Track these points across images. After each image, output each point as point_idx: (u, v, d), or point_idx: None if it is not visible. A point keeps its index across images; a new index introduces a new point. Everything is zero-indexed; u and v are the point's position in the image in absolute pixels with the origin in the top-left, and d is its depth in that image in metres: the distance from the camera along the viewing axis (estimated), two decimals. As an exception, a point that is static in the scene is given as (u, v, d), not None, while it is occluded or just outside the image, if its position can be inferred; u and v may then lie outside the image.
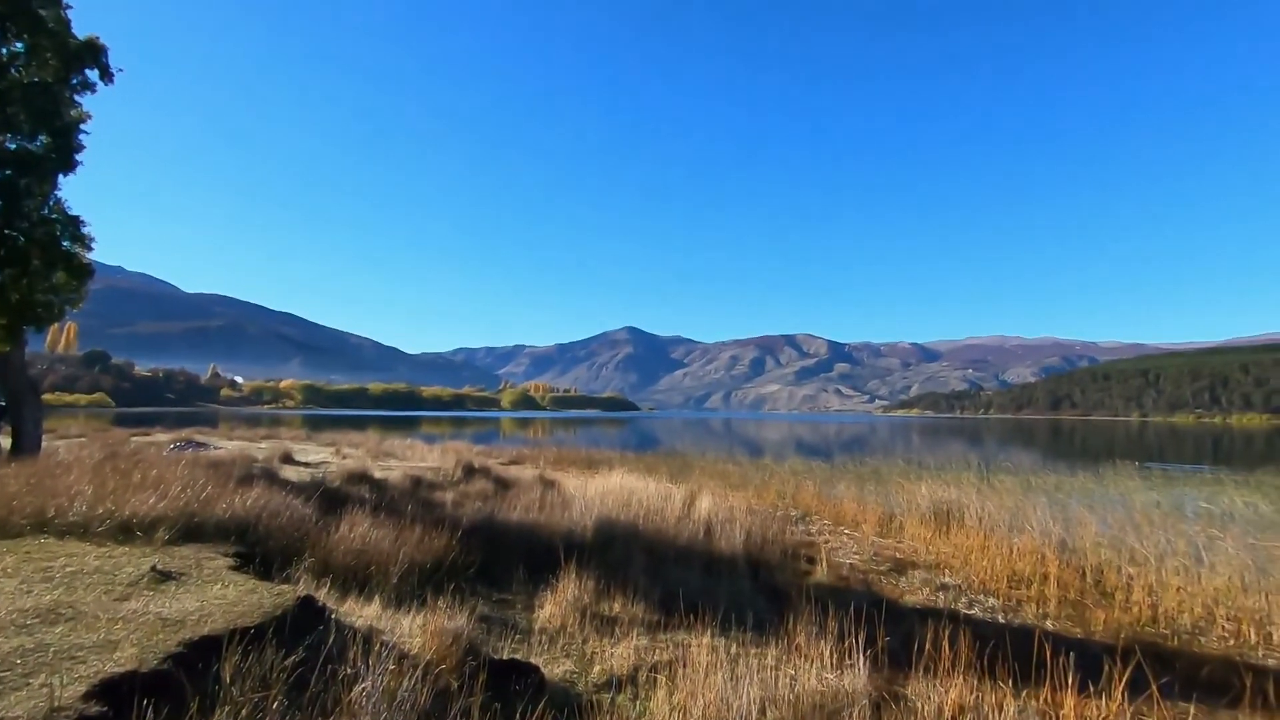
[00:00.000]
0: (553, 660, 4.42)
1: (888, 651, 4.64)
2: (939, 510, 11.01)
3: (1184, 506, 12.22)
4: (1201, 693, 4.50)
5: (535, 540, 7.23)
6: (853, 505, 12.39)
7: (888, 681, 4.27)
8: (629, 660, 4.40)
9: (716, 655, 4.17)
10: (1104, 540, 8.88)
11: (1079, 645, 5.34)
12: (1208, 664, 5.07)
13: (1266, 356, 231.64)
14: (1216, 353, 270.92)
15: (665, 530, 7.98)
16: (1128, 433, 75.71)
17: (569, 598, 5.38)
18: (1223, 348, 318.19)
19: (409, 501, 8.45)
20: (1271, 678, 4.61)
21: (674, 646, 4.73)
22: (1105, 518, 10.40)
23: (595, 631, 4.99)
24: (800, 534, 9.95)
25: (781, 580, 6.94)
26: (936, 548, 9.17)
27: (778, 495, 14.20)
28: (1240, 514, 11.30)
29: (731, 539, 7.80)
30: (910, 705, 3.90)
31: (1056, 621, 6.18)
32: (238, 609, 3.57)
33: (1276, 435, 68.39)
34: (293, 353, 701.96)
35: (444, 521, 7.03)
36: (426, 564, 5.90)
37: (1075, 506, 11.70)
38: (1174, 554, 8.09)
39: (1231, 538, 8.13)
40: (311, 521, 6.23)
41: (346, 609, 4.52)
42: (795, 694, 3.79)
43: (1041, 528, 9.58)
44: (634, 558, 6.71)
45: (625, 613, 5.41)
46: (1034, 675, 4.28)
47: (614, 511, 8.61)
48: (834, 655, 4.32)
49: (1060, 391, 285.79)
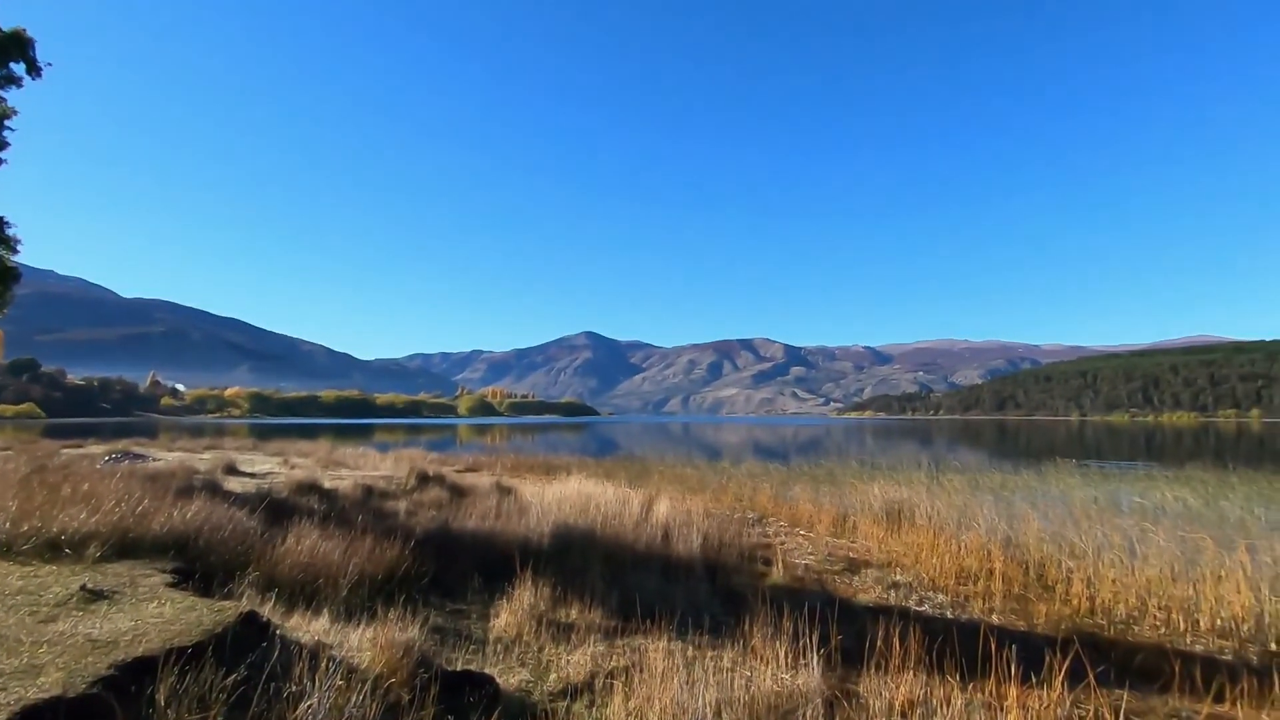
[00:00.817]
0: (508, 670, 4.36)
1: (841, 650, 4.72)
2: (891, 510, 11.26)
3: (1119, 502, 12.79)
4: (1135, 679, 4.71)
5: (491, 548, 7.12)
6: (808, 507, 12.58)
7: (841, 680, 4.35)
8: (586, 667, 4.37)
9: (673, 659, 4.17)
10: (1046, 536, 9.22)
11: (1022, 638, 5.53)
12: (1141, 652, 5.30)
13: (1194, 358, 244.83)
14: (1148, 355, 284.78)
15: (623, 535, 7.96)
16: (1068, 432, 78.82)
17: (525, 606, 5.32)
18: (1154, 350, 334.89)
19: (360, 512, 8.24)
20: (1198, 662, 4.85)
21: (631, 652, 4.72)
22: (1047, 514, 10.80)
23: (552, 639, 4.95)
24: (757, 536, 10.05)
25: (738, 582, 6.99)
26: (888, 546, 9.37)
27: (735, 498, 14.33)
28: (1170, 508, 11.90)
29: (689, 542, 7.83)
30: (862, 702, 3.97)
31: (1002, 615, 6.38)
32: (175, 627, 3.42)
33: (1203, 433, 72.15)
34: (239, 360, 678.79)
35: (396, 531, 6.89)
36: (378, 575, 5.75)
37: (1019, 504, 12.13)
38: (1110, 547, 8.45)
39: (1163, 531, 8.53)
40: (256, 534, 6.02)
41: (293, 624, 4.38)
42: (751, 695, 3.83)
43: (988, 525, 9.89)
44: (591, 564, 6.68)
45: (582, 619, 5.38)
46: (980, 668, 4.40)
47: (571, 518, 8.55)
48: (789, 655, 4.37)
49: (1005, 393, 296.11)
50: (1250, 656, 5.39)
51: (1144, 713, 4.19)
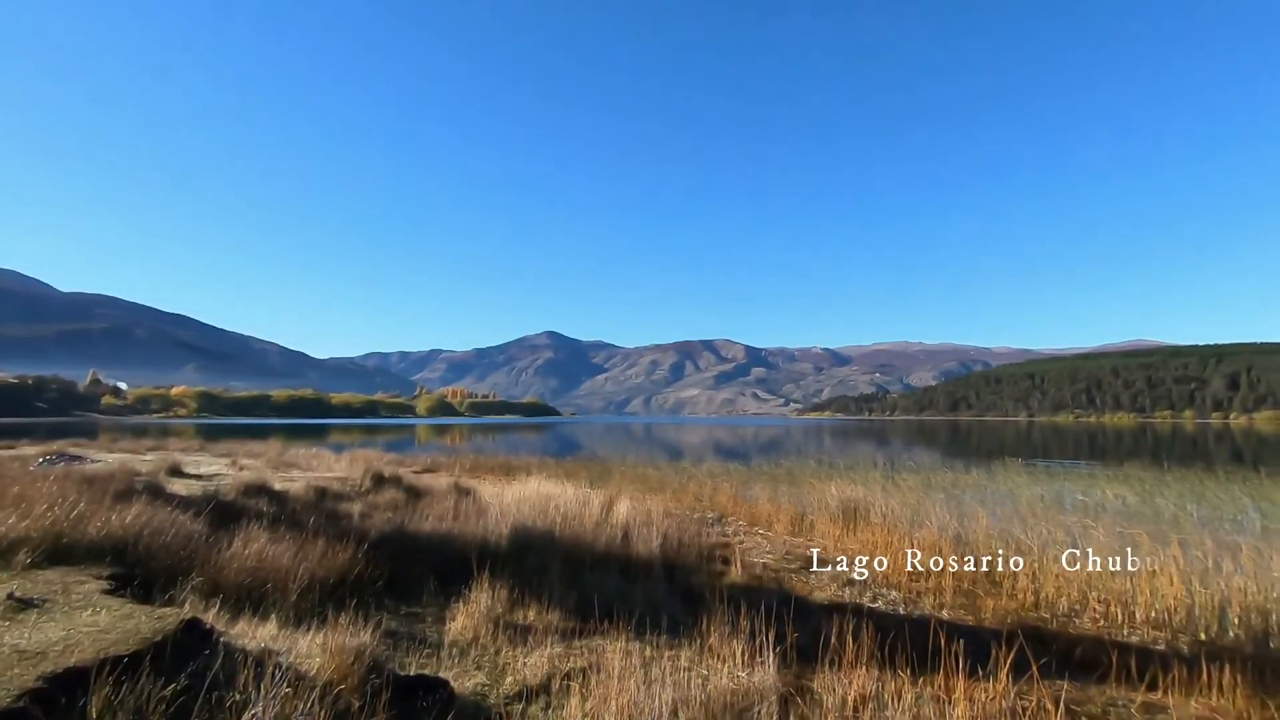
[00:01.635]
0: (464, 673, 4.30)
1: (797, 647, 4.78)
2: (847, 508, 11.47)
3: (1063, 499, 13.28)
4: (1075, 670, 4.89)
5: (448, 550, 7.02)
6: (767, 506, 12.72)
7: (796, 676, 4.40)
8: (543, 669, 4.33)
9: (630, 660, 4.17)
10: (994, 533, 9.51)
11: (971, 632, 5.69)
12: (1081, 643, 5.50)
13: (1133, 361, 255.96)
14: (1091, 358, 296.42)
15: (583, 536, 7.93)
16: (1017, 432, 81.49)
17: (482, 608, 5.25)
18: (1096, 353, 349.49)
19: (312, 514, 8.03)
20: (1134, 653, 5.06)
21: (589, 653, 4.70)
22: (995, 511, 11.15)
23: (509, 641, 4.89)
24: (716, 535, 10.13)
25: (697, 582, 7.03)
26: (844, 544, 9.54)
27: (695, 498, 14.42)
28: (1110, 505, 12.39)
29: (649, 542, 7.84)
30: (816, 698, 4.03)
31: (951, 611, 6.56)
32: (110, 636, 3.27)
33: (1141, 433, 75.39)
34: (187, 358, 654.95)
35: (350, 534, 6.72)
36: (330, 579, 5.62)
37: (970, 502, 12.50)
38: (1054, 543, 8.76)
39: (1103, 527, 8.89)
40: (201, 538, 5.81)
41: (238, 630, 4.24)
42: (707, 694, 3.85)
43: (939, 523, 10.15)
44: (550, 565, 6.64)
45: (540, 621, 5.34)
46: (930, 662, 4.51)
47: (531, 518, 8.48)
48: (745, 653, 4.41)
49: (958, 394, 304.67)
50: (1181, 646, 5.65)
51: (1083, 702, 4.35)
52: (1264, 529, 9.84)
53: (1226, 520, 10.91)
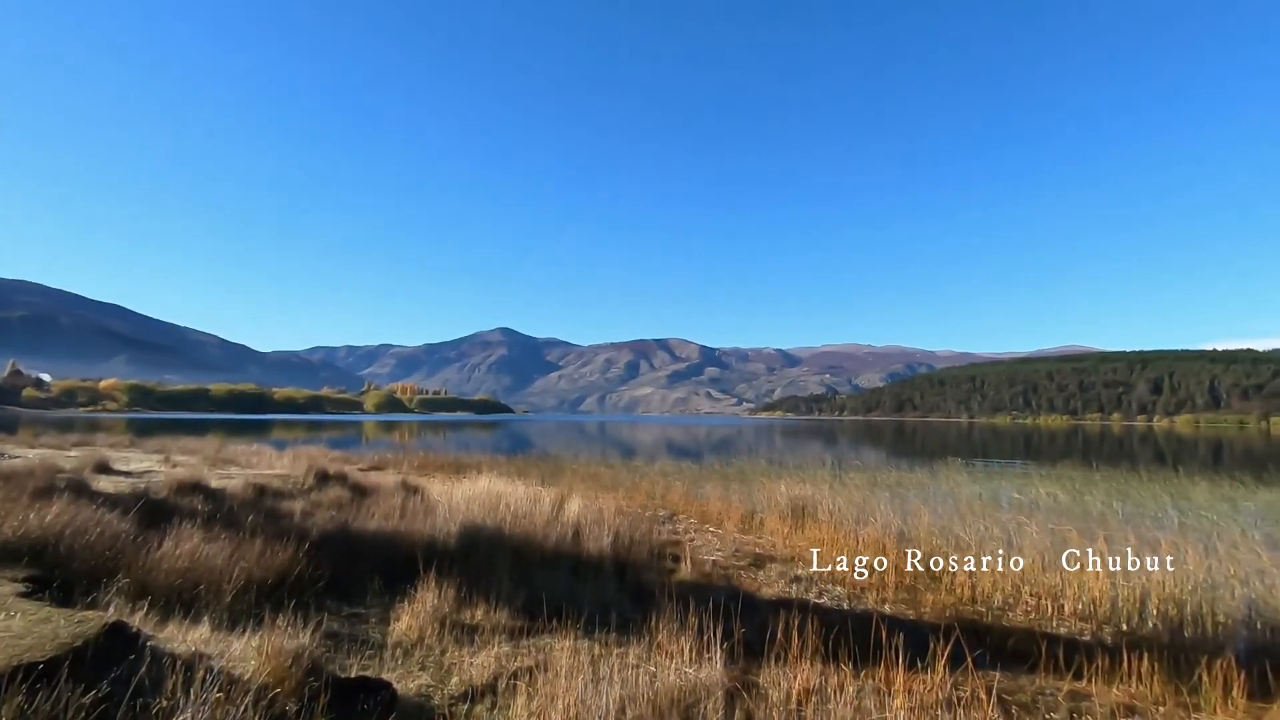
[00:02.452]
0: (407, 674, 4.21)
1: (744, 643, 4.85)
2: (796, 506, 11.68)
3: (1000, 497, 13.80)
4: (1008, 661, 5.09)
5: (394, 549, 6.86)
6: (718, 504, 12.86)
7: (743, 671, 4.46)
8: (489, 669, 4.28)
9: (579, 658, 4.16)
10: (935, 530, 9.83)
11: (911, 626, 5.87)
12: (1014, 635, 5.74)
13: (1066, 365, 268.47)
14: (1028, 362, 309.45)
15: (533, 534, 7.86)
16: (958, 432, 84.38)
17: (428, 608, 5.15)
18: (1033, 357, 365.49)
19: (251, 512, 7.72)
20: (1062, 644, 5.29)
21: (537, 652, 4.66)
22: (937, 509, 11.51)
23: (455, 641, 4.82)
24: (667, 533, 10.18)
25: (648, 579, 7.05)
26: (792, 542, 9.71)
27: (647, 496, 14.46)
28: (1043, 503, 12.93)
29: (600, 540, 7.82)
30: (762, 692, 4.10)
31: (893, 605, 6.74)
32: (25, 642, 3.08)
33: (1073, 434, 79.02)
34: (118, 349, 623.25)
35: (291, 533, 6.51)
36: (268, 579, 5.42)
37: (912, 500, 12.87)
38: (990, 540, 9.11)
39: (1036, 524, 9.28)
40: (129, 538, 5.53)
41: (167, 634, 4.06)
42: (655, 690, 3.86)
43: (883, 520, 10.43)
44: (499, 563, 6.56)
45: (488, 620, 5.27)
46: (872, 656, 4.63)
47: (480, 517, 8.36)
48: (693, 650, 4.45)
49: (904, 395, 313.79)
50: (1106, 637, 5.95)
51: (1014, 691, 4.53)
52: (1181, 525, 10.42)
53: (1148, 517, 11.52)
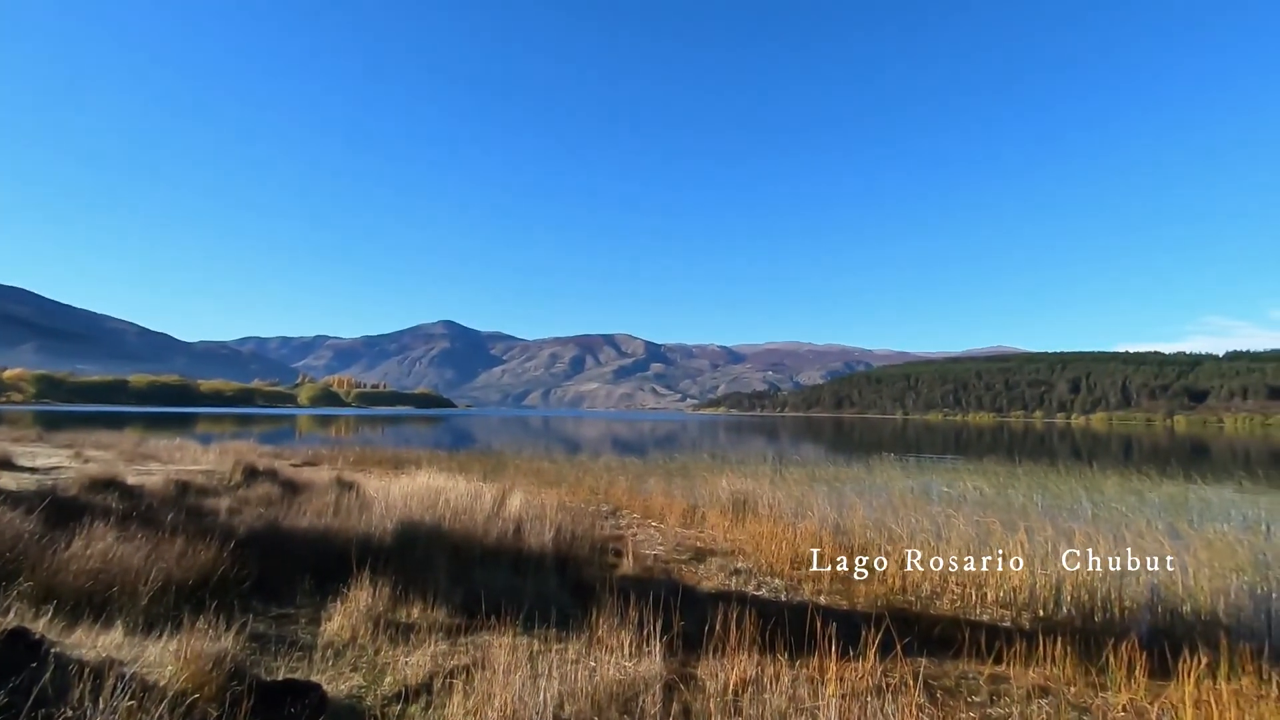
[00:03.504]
0: (338, 676, 4.08)
1: (683, 636, 4.89)
2: (737, 501, 11.88)
3: (930, 491, 14.39)
4: (934, 647, 5.31)
5: (327, 547, 6.63)
6: (661, 499, 12.95)
7: (682, 664, 4.51)
8: (425, 668, 4.19)
9: (517, 655, 4.12)
10: (869, 522, 10.16)
11: (844, 616, 6.04)
12: (940, 623, 5.99)
13: (993, 365, 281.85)
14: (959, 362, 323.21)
15: (473, 530, 7.73)
16: (893, 429, 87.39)
17: (362, 607, 5.00)
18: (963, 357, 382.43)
19: (172, 510, 7.33)
20: (984, 630, 5.55)
21: (475, 649, 4.59)
22: (871, 502, 11.91)
23: (390, 641, 4.70)
24: (610, 528, 10.19)
25: (589, 574, 7.04)
26: (733, 536, 9.86)
27: (590, 491, 14.44)
28: (970, 496, 13.56)
29: (541, 536, 7.76)
30: (699, 684, 4.15)
31: (828, 596, 6.93)
32: (-91, 652, 2.85)
33: (999, 431, 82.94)
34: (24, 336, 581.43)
35: (215, 531, 6.21)
36: (189, 580, 5.16)
37: (849, 494, 13.28)
38: (920, 531, 9.48)
39: (962, 516, 9.70)
40: (32, 538, 5.17)
41: (75, 640, 3.82)
42: (594, 685, 3.87)
43: (821, 514, 10.73)
44: (437, 560, 6.42)
45: (424, 618, 5.15)
46: (807, 646, 4.75)
47: (419, 513, 8.17)
48: (633, 644, 4.47)
49: (843, 393, 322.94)
50: (1024, 623, 6.27)
51: (939, 676, 4.72)
52: (1094, 516, 11.11)
53: (1064, 509, 12.23)
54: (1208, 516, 11.48)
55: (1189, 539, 8.61)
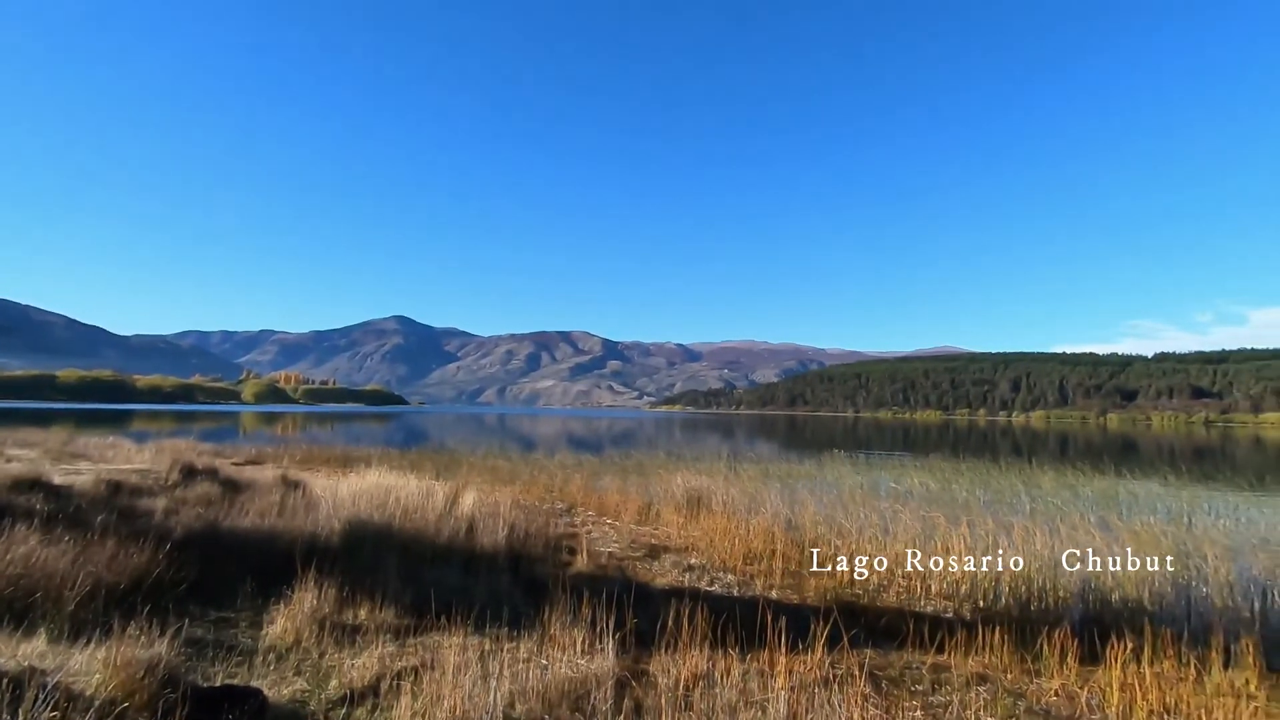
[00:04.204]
0: (281, 680, 3.96)
1: (636, 632, 4.91)
2: (691, 497, 11.96)
3: (879, 487, 14.75)
4: (879, 639, 5.45)
5: (270, 548, 6.43)
6: (616, 496, 12.95)
7: (634, 660, 4.52)
8: (372, 670, 4.10)
9: (468, 655, 4.08)
10: (820, 518, 10.37)
11: (794, 610, 6.15)
12: (886, 615, 6.15)
13: (940, 365, 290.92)
14: (907, 361, 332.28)
15: (424, 529, 7.60)
16: (845, 426, 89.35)
17: (306, 609, 4.86)
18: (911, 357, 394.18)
19: (102, 511, 6.99)
20: (928, 621, 5.72)
21: (424, 650, 4.51)
22: (822, 499, 12.14)
23: (335, 643, 4.58)
24: (565, 526, 10.14)
25: (542, 572, 7.00)
26: (687, 532, 9.93)
27: (546, 489, 14.35)
28: (916, 491, 13.95)
29: (494, 534, 7.68)
30: (651, 680, 4.16)
31: (780, 591, 7.05)
32: None
33: (944, 428, 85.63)
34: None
35: (149, 533, 5.96)
36: (120, 585, 4.94)
37: (801, 490, 13.50)
38: (869, 526, 9.73)
39: (909, 511, 9.98)
40: (-54, 542, 4.87)
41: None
42: (545, 683, 3.85)
43: (773, 510, 10.89)
44: (386, 560, 6.29)
45: (372, 620, 5.04)
46: (757, 640, 4.82)
47: (368, 512, 7.99)
48: (585, 641, 4.47)
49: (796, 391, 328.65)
50: (965, 614, 6.49)
51: (884, 667, 4.85)
52: (1032, 510, 11.56)
53: (1005, 504, 12.69)
54: (1135, 509, 12.08)
55: (1118, 531, 9.03)
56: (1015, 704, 4.32)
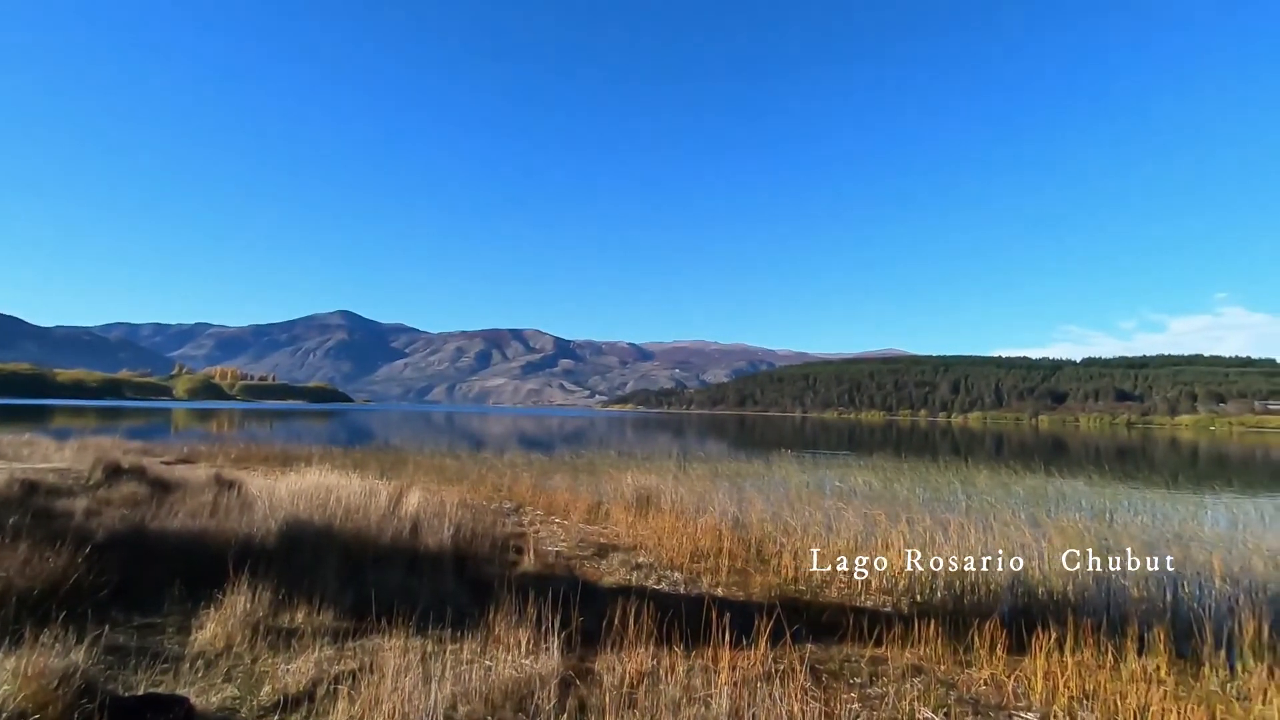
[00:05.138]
0: (210, 687, 3.80)
1: (583, 631, 4.91)
2: (641, 496, 12.01)
3: (824, 486, 15.10)
4: (821, 633, 5.58)
5: (201, 551, 6.16)
6: (565, 495, 12.90)
7: (580, 659, 4.51)
8: (308, 675, 3.97)
9: (409, 657, 3.99)
10: (767, 516, 10.55)
11: (740, 606, 6.24)
12: (827, 610, 6.29)
13: (884, 367, 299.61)
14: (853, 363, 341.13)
15: (366, 530, 7.41)
16: (793, 426, 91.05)
17: (239, 613, 4.68)
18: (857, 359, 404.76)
19: (15, 513, 6.57)
20: (867, 616, 5.89)
21: (364, 653, 4.40)
22: (769, 497, 12.37)
23: (270, 648, 4.42)
24: (512, 525, 10.04)
25: (489, 572, 6.91)
26: (636, 531, 9.96)
27: (494, 488, 14.18)
28: (860, 490, 14.32)
29: (439, 534, 7.55)
30: (596, 679, 4.16)
31: (726, 589, 7.14)
32: None
33: (888, 429, 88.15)
34: None
35: (68, 535, 5.63)
36: (34, 590, 4.66)
37: (749, 489, 13.72)
38: (814, 524, 9.95)
39: (852, 509, 10.26)
40: None
41: (-113, 661, 3.35)
42: (489, 684, 3.81)
43: (721, 508, 11.03)
44: (326, 561, 6.11)
45: (309, 623, 4.89)
46: (702, 636, 4.88)
47: (307, 512, 7.74)
48: (530, 641, 4.44)
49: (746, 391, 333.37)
50: (903, 608, 6.70)
51: (825, 660, 4.97)
52: (967, 508, 12.01)
53: (942, 501, 13.16)
54: (1062, 506, 12.68)
55: (1046, 527, 9.48)
56: (947, 694, 4.48)
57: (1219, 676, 5.02)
